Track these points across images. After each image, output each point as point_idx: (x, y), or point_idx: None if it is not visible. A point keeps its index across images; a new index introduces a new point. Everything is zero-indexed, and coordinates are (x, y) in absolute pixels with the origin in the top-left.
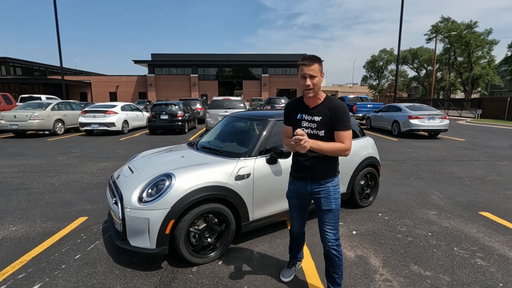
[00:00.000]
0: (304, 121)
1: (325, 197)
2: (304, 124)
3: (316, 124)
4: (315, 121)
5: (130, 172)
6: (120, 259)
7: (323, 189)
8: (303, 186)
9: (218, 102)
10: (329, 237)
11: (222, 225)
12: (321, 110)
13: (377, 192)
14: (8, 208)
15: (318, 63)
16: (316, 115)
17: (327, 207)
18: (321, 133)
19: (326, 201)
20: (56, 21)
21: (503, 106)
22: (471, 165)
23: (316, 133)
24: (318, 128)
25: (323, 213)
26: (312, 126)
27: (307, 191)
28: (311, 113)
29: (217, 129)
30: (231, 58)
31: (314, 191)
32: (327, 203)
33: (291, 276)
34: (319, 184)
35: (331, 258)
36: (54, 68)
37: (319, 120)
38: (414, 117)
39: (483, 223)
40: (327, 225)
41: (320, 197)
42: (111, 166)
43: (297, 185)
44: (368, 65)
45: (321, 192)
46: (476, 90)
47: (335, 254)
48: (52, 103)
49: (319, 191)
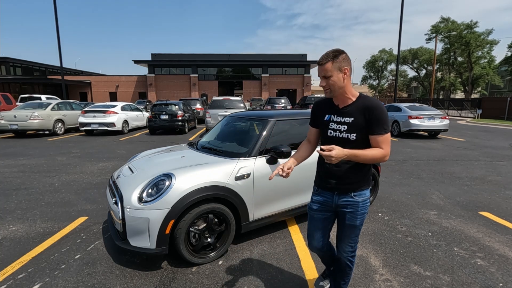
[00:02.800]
0: (333, 122)
1: (352, 211)
2: (332, 126)
3: (347, 126)
4: (345, 123)
5: (130, 172)
6: (120, 259)
7: (352, 203)
8: (330, 198)
9: (218, 102)
10: (347, 250)
11: (222, 225)
12: (353, 110)
13: (377, 192)
14: (8, 208)
15: (332, 60)
16: (347, 116)
17: (352, 223)
18: (352, 137)
19: (352, 216)
20: (56, 21)
21: (503, 106)
22: (471, 165)
23: (347, 136)
24: (349, 131)
25: (345, 228)
26: (341, 128)
27: (333, 203)
28: (341, 114)
29: (217, 129)
30: (231, 58)
31: (341, 203)
32: (353, 219)
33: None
34: (348, 196)
35: (344, 267)
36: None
37: (351, 121)
38: (414, 117)
39: (483, 223)
40: (347, 239)
41: (346, 211)
42: (111, 166)
43: (323, 196)
44: (368, 65)
45: (348, 206)
46: (476, 90)
47: (349, 265)
48: (52, 103)
49: (346, 205)
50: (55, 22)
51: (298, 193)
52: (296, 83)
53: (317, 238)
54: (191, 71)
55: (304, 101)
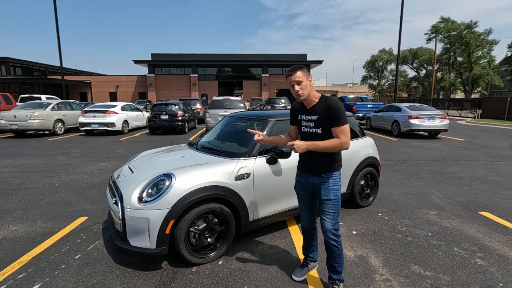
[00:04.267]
0: (303, 121)
1: (324, 187)
2: (304, 123)
3: (314, 123)
4: (312, 120)
5: (130, 172)
6: (120, 259)
7: (323, 181)
8: (307, 178)
9: (218, 102)
10: (327, 226)
11: (222, 225)
12: (318, 109)
13: (377, 192)
14: (8, 208)
15: (301, 70)
16: (313, 115)
17: (326, 197)
18: (319, 131)
19: (325, 192)
20: (56, 21)
21: (503, 106)
22: (471, 165)
23: (314, 131)
24: (316, 126)
25: (322, 203)
26: (310, 125)
27: (310, 183)
28: (309, 113)
29: (217, 129)
30: (231, 58)
31: (315, 182)
32: (326, 193)
33: (303, 276)
34: (319, 177)
35: (331, 248)
36: (54, 68)
37: (316, 119)
38: (414, 117)
39: (483, 223)
40: (326, 214)
41: (320, 188)
42: (111, 166)
43: (302, 177)
44: (368, 65)
45: (321, 183)
46: (476, 90)
47: (334, 245)
48: (52, 103)
49: (319, 183)
50: (55, 22)
51: None
52: None
53: (305, 215)
54: (191, 71)
55: None
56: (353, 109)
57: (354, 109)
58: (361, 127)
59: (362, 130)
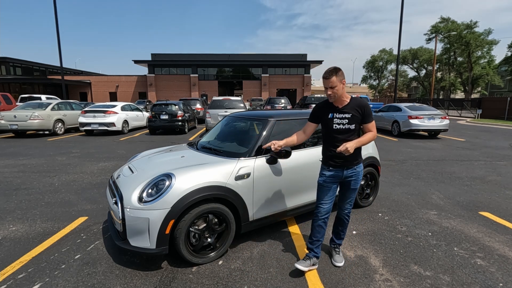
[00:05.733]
0: (336, 118)
1: (355, 179)
2: (336, 121)
3: (348, 120)
4: (346, 118)
5: (130, 172)
6: (120, 259)
7: (355, 172)
8: (340, 172)
9: (218, 102)
10: (348, 208)
11: (222, 225)
12: (350, 108)
13: (377, 192)
14: (8, 208)
15: (335, 75)
16: (347, 113)
17: (355, 186)
18: (352, 127)
19: (355, 182)
20: (56, 21)
21: (503, 106)
22: (471, 165)
23: (348, 127)
24: (349, 123)
25: (350, 192)
26: (344, 122)
27: (343, 176)
28: (342, 112)
29: (217, 129)
30: (231, 58)
31: (349, 174)
32: (356, 183)
33: (307, 267)
34: (353, 169)
35: (343, 220)
36: (54, 68)
37: (350, 116)
38: (414, 117)
39: (483, 223)
40: (350, 200)
41: (351, 179)
42: (111, 166)
43: (335, 171)
44: (368, 65)
45: (353, 175)
46: (476, 90)
47: (346, 218)
48: (52, 103)
49: (352, 175)
50: (55, 22)
51: (298, 193)
52: (296, 83)
53: (325, 208)
54: (191, 71)
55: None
56: None
57: None
58: None
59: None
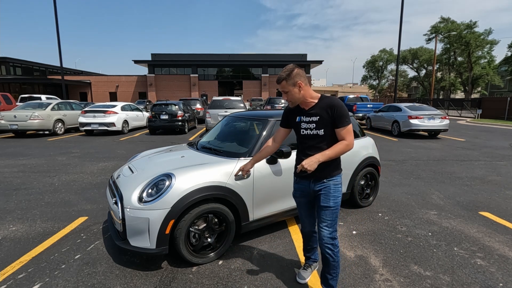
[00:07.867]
0: (303, 122)
1: (324, 194)
2: (303, 125)
3: (315, 124)
4: (313, 121)
5: (130, 172)
6: (120, 259)
7: (325, 186)
8: (307, 185)
9: (218, 102)
10: (323, 234)
11: (222, 225)
12: (318, 110)
13: (377, 192)
14: (8, 208)
15: (286, 80)
16: (314, 116)
17: (325, 204)
18: (320, 132)
19: (325, 198)
20: (56, 21)
21: (503, 106)
22: (471, 165)
23: (316, 132)
24: (317, 128)
25: (320, 210)
26: (311, 126)
27: (310, 189)
28: (308, 114)
29: (217, 129)
30: (231, 58)
31: (317, 189)
32: (326, 200)
33: (307, 278)
34: (321, 182)
35: (326, 257)
36: (54, 68)
37: (317, 119)
38: (414, 117)
39: (483, 223)
40: (324, 222)
41: (320, 194)
42: (111, 166)
43: (302, 184)
44: (368, 65)
45: (322, 190)
46: (476, 90)
47: (330, 254)
48: (52, 103)
49: (320, 189)
50: (55, 22)
51: None
52: None
53: (305, 221)
54: (191, 71)
55: None
56: (353, 109)
57: (354, 109)
58: (361, 127)
59: (362, 130)
